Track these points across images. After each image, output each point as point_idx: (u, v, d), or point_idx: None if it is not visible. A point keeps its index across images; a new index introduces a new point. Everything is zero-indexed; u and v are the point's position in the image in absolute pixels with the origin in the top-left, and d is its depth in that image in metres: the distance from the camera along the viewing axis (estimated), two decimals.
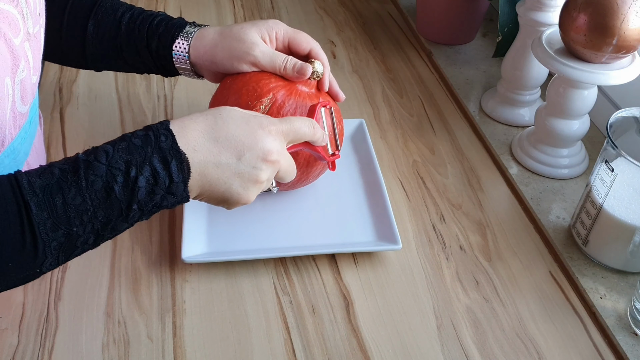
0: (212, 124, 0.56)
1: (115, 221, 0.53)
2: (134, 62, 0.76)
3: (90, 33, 0.74)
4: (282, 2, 1.25)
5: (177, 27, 0.74)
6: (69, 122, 0.92)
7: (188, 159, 0.54)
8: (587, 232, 0.72)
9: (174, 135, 0.54)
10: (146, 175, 0.52)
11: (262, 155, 0.57)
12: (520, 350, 0.65)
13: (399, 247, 0.71)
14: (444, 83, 1.04)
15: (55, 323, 0.66)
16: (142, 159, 0.53)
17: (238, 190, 0.58)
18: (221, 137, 0.56)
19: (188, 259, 0.70)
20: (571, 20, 0.73)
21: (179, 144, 0.54)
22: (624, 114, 0.71)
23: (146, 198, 0.53)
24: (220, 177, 0.56)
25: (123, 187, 0.52)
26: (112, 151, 0.52)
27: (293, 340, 0.65)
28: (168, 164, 0.53)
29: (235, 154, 0.56)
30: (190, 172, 0.55)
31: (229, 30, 0.73)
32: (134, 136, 0.54)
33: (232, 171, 0.57)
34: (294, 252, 0.72)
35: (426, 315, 0.68)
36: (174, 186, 0.54)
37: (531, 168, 0.85)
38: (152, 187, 0.53)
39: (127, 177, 0.52)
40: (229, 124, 0.57)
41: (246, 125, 0.57)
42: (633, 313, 0.66)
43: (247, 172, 0.57)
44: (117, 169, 0.52)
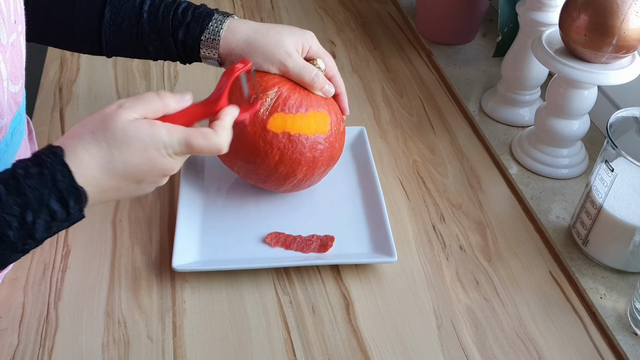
0: (108, 156, 0.53)
1: (10, 256, 0.53)
2: (154, 51, 0.75)
3: (107, 20, 0.73)
4: (282, 2, 1.25)
5: (205, 16, 0.73)
6: (69, 122, 0.92)
7: (87, 192, 0.53)
8: (587, 232, 0.72)
9: (70, 172, 0.52)
10: (44, 217, 0.51)
11: (161, 175, 0.57)
12: (520, 350, 0.65)
13: (394, 260, 0.70)
14: (444, 83, 1.04)
15: (55, 323, 0.66)
16: (38, 202, 0.50)
17: (137, 194, 0.58)
18: (118, 170, 0.54)
19: (179, 267, 0.69)
20: (571, 20, 0.73)
21: (77, 181, 0.52)
22: (624, 114, 0.71)
23: (43, 234, 0.52)
24: (121, 195, 0.57)
25: (19, 230, 0.50)
26: (4, 195, 0.49)
27: (293, 340, 0.65)
28: (66, 203, 0.52)
29: (135, 181, 0.56)
30: (87, 200, 0.54)
31: (266, 31, 0.72)
32: (27, 176, 0.50)
33: (133, 191, 0.57)
34: (288, 262, 0.71)
35: (426, 315, 0.68)
36: (70, 216, 0.53)
37: (531, 168, 0.85)
38: (49, 224, 0.52)
39: (23, 222, 0.50)
40: (125, 154, 0.54)
41: (144, 152, 0.54)
42: (633, 313, 0.66)
43: (148, 187, 0.58)
44: (12, 215, 0.49)
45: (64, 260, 0.72)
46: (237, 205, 0.78)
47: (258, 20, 1.18)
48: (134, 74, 1.02)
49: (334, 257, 0.72)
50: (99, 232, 0.75)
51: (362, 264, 0.72)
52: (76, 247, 0.74)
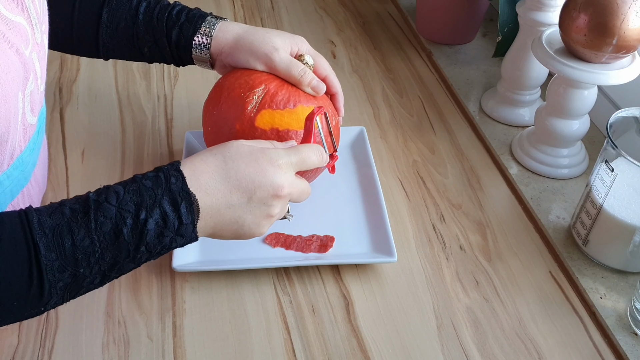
0: (221, 164, 0.56)
1: (123, 263, 0.53)
2: (149, 52, 0.76)
3: (105, 22, 0.74)
4: (282, 2, 1.25)
5: (198, 17, 0.74)
6: (69, 122, 0.92)
7: (198, 200, 0.54)
8: (587, 232, 0.72)
9: (184, 177, 0.54)
10: (155, 218, 0.52)
11: (272, 192, 0.57)
12: (520, 350, 0.65)
13: (394, 260, 0.70)
14: (444, 83, 1.04)
15: (55, 323, 0.66)
16: (152, 201, 0.52)
17: (250, 227, 0.58)
18: (231, 178, 0.56)
19: (179, 267, 0.69)
20: (571, 20, 0.73)
21: (189, 186, 0.54)
22: (624, 114, 0.71)
23: (155, 240, 0.53)
24: (232, 216, 0.57)
25: (132, 229, 0.52)
26: (122, 192, 0.52)
27: (293, 340, 0.65)
28: (178, 206, 0.53)
29: (246, 194, 0.56)
30: (199, 214, 0.55)
31: (255, 30, 0.74)
32: (144, 177, 0.54)
33: (244, 210, 0.57)
34: (288, 262, 0.71)
35: (426, 315, 0.68)
36: (183, 228, 0.54)
37: (531, 168, 0.86)
38: (161, 229, 0.53)
39: (137, 219, 0.52)
40: (238, 163, 0.57)
41: (256, 163, 0.57)
42: (633, 313, 0.66)
43: (259, 210, 0.58)
44: (127, 211, 0.52)
45: None
46: None
47: (258, 20, 1.18)
48: (134, 74, 1.02)
49: (334, 257, 0.72)
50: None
51: (362, 264, 0.72)
52: None
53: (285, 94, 0.71)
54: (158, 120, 0.93)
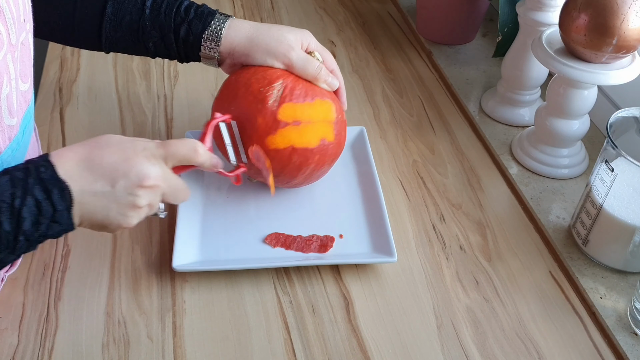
0: (87, 152, 0.56)
1: (3, 254, 0.54)
2: (154, 47, 0.76)
3: (109, 15, 0.74)
4: (282, 2, 1.25)
5: (207, 14, 0.74)
6: (69, 122, 0.92)
7: (70, 187, 0.54)
8: (587, 232, 0.72)
9: (53, 165, 0.54)
10: (29, 206, 0.53)
11: (137, 181, 0.57)
12: (520, 350, 0.65)
13: (394, 260, 0.70)
14: (444, 83, 1.04)
15: (55, 323, 0.66)
16: (23, 190, 0.53)
17: (116, 217, 0.58)
18: (95, 166, 0.56)
19: (179, 267, 0.69)
20: (571, 20, 0.73)
21: (59, 174, 0.54)
22: (624, 114, 0.71)
23: (32, 228, 0.53)
24: (97, 205, 0.56)
25: (10, 218, 0.52)
26: None
27: (293, 340, 0.65)
28: (50, 193, 0.53)
29: (109, 182, 0.56)
30: (72, 200, 0.55)
31: (267, 29, 0.74)
32: (15, 169, 0.54)
33: (108, 199, 0.56)
34: (288, 262, 0.71)
35: (426, 315, 0.68)
36: (57, 215, 0.54)
37: (531, 168, 0.86)
38: (37, 217, 0.53)
39: (13, 208, 0.52)
40: (104, 151, 0.57)
41: (121, 152, 0.57)
42: (633, 313, 0.66)
43: (124, 199, 0.57)
44: (3, 201, 0.52)
45: (64, 260, 0.72)
46: (237, 205, 0.78)
47: (258, 20, 1.18)
48: (134, 74, 1.02)
49: (334, 257, 0.72)
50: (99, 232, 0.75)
51: (362, 264, 0.72)
52: (76, 247, 0.74)
53: (302, 89, 0.72)
54: (158, 120, 0.93)
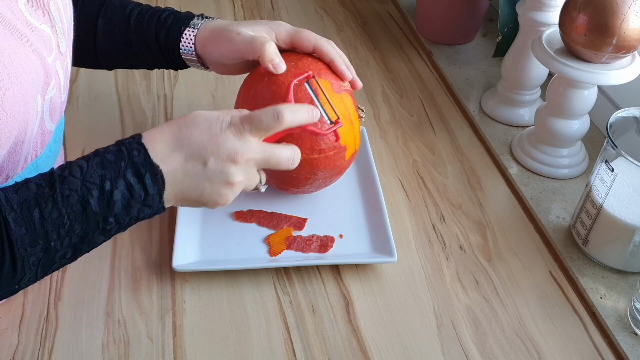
0: (176, 132, 0.56)
1: (92, 234, 0.54)
2: (144, 57, 0.76)
3: (101, 30, 0.74)
4: (282, 2, 1.25)
5: (184, 19, 0.74)
6: (69, 122, 0.92)
7: (162, 171, 0.55)
8: (587, 232, 0.72)
9: (146, 149, 0.55)
10: (121, 189, 0.53)
11: (227, 157, 0.56)
12: (520, 350, 0.65)
13: (394, 260, 0.70)
14: (444, 83, 1.04)
15: (55, 323, 0.66)
16: (115, 173, 0.53)
17: (211, 195, 0.58)
18: (185, 145, 0.56)
19: (179, 267, 0.69)
20: (571, 20, 0.73)
21: (152, 157, 0.54)
22: (624, 114, 0.71)
23: (123, 212, 0.54)
24: (190, 184, 0.56)
25: (99, 200, 0.52)
26: (86, 166, 0.53)
27: (293, 340, 0.65)
28: (142, 178, 0.54)
29: (200, 161, 0.56)
30: (164, 184, 0.55)
31: (229, 23, 0.73)
32: (106, 152, 0.54)
33: (201, 178, 0.56)
34: (288, 262, 0.71)
35: (426, 315, 0.68)
36: (149, 199, 0.55)
37: (531, 168, 0.86)
38: (128, 200, 0.54)
39: (102, 190, 0.52)
40: (192, 130, 0.56)
41: (208, 130, 0.57)
42: (633, 313, 0.66)
43: (216, 177, 0.57)
44: (92, 182, 0.52)
45: None
46: (238, 205, 0.78)
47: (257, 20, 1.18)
48: (134, 74, 1.02)
49: (334, 257, 0.72)
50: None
51: (361, 264, 0.72)
52: None
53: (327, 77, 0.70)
54: (158, 120, 0.93)
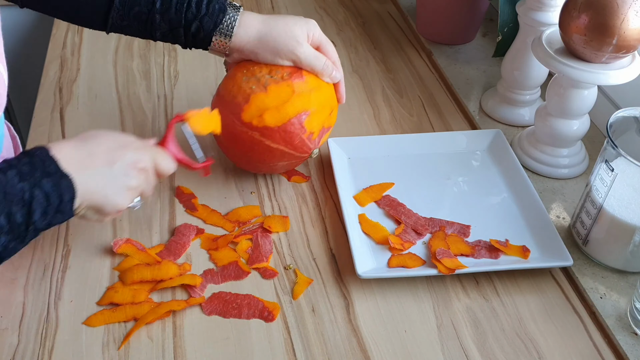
0: (83, 139, 0.61)
1: (15, 244, 0.56)
2: (161, 36, 0.76)
3: (117, 5, 0.73)
4: (282, 2, 1.25)
5: (219, 12, 0.74)
6: (69, 122, 0.92)
7: (73, 177, 0.57)
8: (587, 232, 0.72)
9: (56, 160, 0.57)
10: (39, 198, 0.55)
11: (132, 162, 0.62)
12: (520, 350, 0.65)
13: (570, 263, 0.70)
14: (444, 83, 1.04)
15: (55, 323, 0.66)
16: (32, 183, 0.55)
17: (114, 197, 0.61)
18: (93, 150, 0.60)
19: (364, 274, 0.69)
20: (571, 20, 0.73)
21: (61, 166, 0.57)
22: (624, 114, 0.71)
23: (40, 219, 0.56)
24: (97, 184, 0.60)
25: (21, 211, 0.55)
26: (4, 179, 0.54)
27: (293, 340, 0.65)
28: (57, 186, 0.56)
29: (107, 162, 0.60)
30: (76, 191, 0.58)
31: (274, 25, 0.75)
32: (20, 163, 0.56)
33: (107, 178, 0.60)
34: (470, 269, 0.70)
35: (426, 315, 0.68)
36: (62, 205, 0.57)
37: (531, 168, 0.86)
38: (45, 208, 0.56)
39: (22, 201, 0.55)
40: (99, 138, 0.61)
41: (116, 141, 0.62)
42: (633, 313, 0.66)
43: (120, 179, 0.61)
44: (13, 194, 0.54)
45: (64, 260, 0.72)
46: None
47: None
48: (134, 74, 1.02)
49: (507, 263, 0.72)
50: (99, 232, 0.75)
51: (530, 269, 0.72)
52: (76, 247, 0.74)
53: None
54: (158, 120, 0.93)
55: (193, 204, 0.78)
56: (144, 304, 0.67)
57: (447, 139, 0.88)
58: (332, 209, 0.80)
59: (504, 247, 0.73)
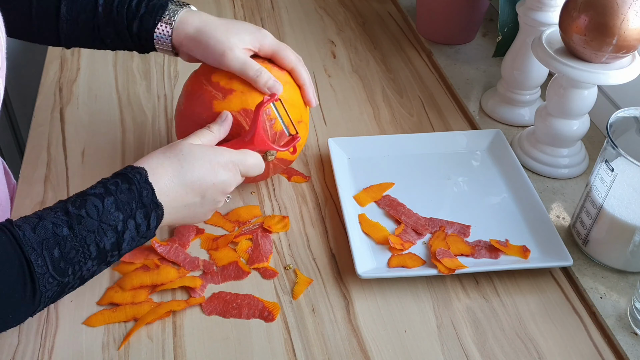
0: (178, 168, 0.61)
1: (99, 267, 0.58)
2: (112, 43, 0.75)
3: (64, 15, 0.73)
4: (282, 2, 1.25)
5: (159, 8, 0.72)
6: (69, 122, 0.92)
7: (164, 207, 0.60)
8: (587, 231, 0.72)
9: (153, 189, 0.59)
10: (131, 229, 0.58)
11: (222, 189, 0.64)
12: (520, 350, 0.65)
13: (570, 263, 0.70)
14: (444, 83, 1.04)
15: (55, 323, 0.66)
16: (128, 214, 0.58)
17: (199, 217, 0.66)
18: (187, 181, 0.62)
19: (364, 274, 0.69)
20: (571, 20, 0.73)
21: (158, 197, 0.59)
22: (624, 113, 0.71)
23: (127, 246, 0.59)
24: (187, 214, 0.64)
25: (112, 241, 0.57)
26: (101, 206, 0.56)
27: (293, 340, 0.65)
28: (149, 217, 0.59)
29: (199, 194, 0.63)
30: (163, 218, 0.61)
31: (214, 27, 0.71)
32: (118, 190, 0.58)
33: (196, 207, 0.64)
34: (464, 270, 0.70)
35: (426, 315, 0.68)
36: (149, 233, 0.61)
37: (531, 168, 0.86)
38: (134, 237, 0.59)
39: (116, 232, 0.57)
40: (193, 165, 0.62)
41: (209, 165, 0.63)
42: (633, 313, 0.66)
43: (209, 204, 0.65)
44: (108, 224, 0.56)
45: None
46: None
47: (258, 20, 1.18)
48: (134, 74, 1.02)
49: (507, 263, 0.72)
50: None
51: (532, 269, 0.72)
52: None
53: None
54: (158, 120, 0.93)
55: None
56: (144, 304, 0.67)
57: (447, 139, 0.88)
58: (332, 209, 0.80)
59: (504, 247, 0.73)
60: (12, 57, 1.58)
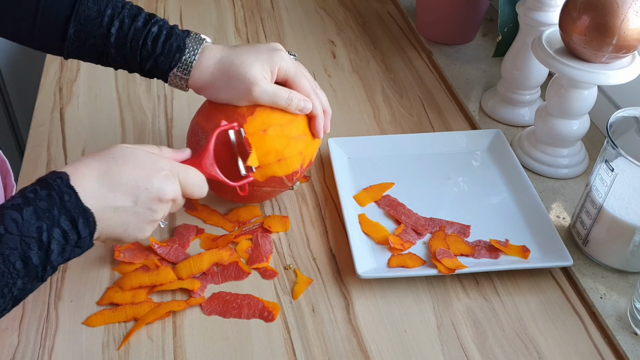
0: (106, 169, 0.56)
1: (32, 284, 0.54)
2: (117, 67, 0.73)
3: (71, 36, 0.69)
4: (282, 2, 1.25)
5: (175, 51, 0.69)
6: (69, 122, 0.92)
7: (92, 212, 0.55)
8: (587, 231, 0.72)
9: (76, 192, 0.54)
10: (57, 239, 0.53)
11: (157, 196, 0.58)
12: (520, 350, 0.65)
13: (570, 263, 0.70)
14: (444, 83, 1.04)
15: (55, 323, 0.66)
16: (51, 222, 0.53)
17: (134, 231, 0.59)
18: (115, 182, 0.56)
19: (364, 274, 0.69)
20: (571, 20, 0.73)
21: (82, 201, 0.54)
22: (624, 114, 0.71)
23: (58, 258, 0.54)
24: (118, 220, 0.57)
25: (38, 253, 0.52)
26: (20, 219, 0.52)
27: (293, 340, 0.65)
28: (76, 223, 0.54)
29: (131, 197, 0.57)
30: (95, 224, 0.55)
31: (230, 64, 0.69)
32: (37, 198, 0.53)
33: (129, 214, 0.57)
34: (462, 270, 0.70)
35: (426, 315, 0.68)
36: (81, 241, 0.55)
37: (531, 168, 0.86)
38: (63, 246, 0.54)
39: (41, 243, 0.52)
40: (123, 167, 0.57)
41: (141, 169, 0.58)
42: (633, 313, 0.66)
43: (143, 214, 0.58)
44: (30, 237, 0.52)
45: None
46: None
47: (258, 20, 1.18)
48: (134, 74, 1.02)
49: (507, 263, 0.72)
50: None
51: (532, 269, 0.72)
52: None
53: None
54: (158, 120, 0.93)
55: (193, 204, 0.78)
56: (144, 304, 0.67)
57: (447, 139, 0.88)
58: (332, 209, 0.80)
59: (504, 247, 0.73)
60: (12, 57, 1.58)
